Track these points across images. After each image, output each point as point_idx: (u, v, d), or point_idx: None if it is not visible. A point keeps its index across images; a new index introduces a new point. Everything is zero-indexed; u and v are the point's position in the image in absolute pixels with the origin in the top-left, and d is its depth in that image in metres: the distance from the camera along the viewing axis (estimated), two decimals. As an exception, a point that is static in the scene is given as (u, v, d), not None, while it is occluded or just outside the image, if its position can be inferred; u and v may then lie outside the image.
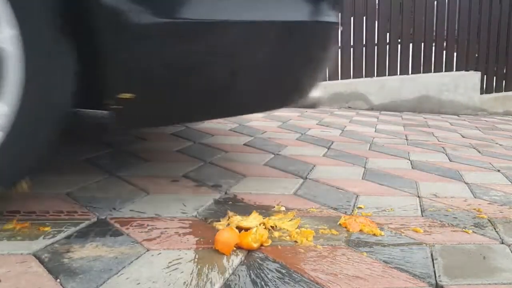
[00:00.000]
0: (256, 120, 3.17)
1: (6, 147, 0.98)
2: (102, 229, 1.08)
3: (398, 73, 5.09)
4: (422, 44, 5.15)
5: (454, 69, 5.27)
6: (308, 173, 1.79)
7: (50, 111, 1.05)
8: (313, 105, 1.67)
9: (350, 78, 4.98)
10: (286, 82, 1.44)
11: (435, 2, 5.13)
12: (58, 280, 0.84)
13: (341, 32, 4.86)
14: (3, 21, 0.93)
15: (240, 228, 1.11)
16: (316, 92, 1.59)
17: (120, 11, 1.00)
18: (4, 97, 0.96)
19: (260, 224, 1.14)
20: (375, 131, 3.21)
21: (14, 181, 1.07)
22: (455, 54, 5.28)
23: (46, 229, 1.05)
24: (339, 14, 1.68)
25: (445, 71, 5.23)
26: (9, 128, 0.98)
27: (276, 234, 1.14)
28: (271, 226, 1.17)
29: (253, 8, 1.23)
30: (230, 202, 1.37)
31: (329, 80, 4.89)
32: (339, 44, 4.86)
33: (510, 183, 1.90)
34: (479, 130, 3.77)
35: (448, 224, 1.32)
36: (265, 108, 1.71)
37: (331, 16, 1.44)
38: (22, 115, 0.99)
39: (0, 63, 0.94)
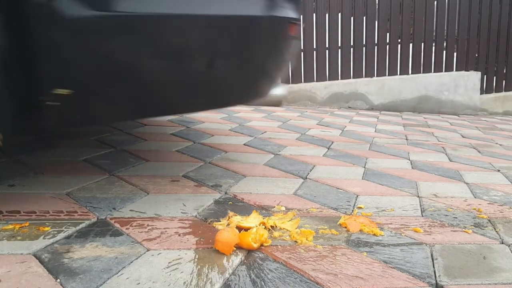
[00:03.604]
0: (256, 120, 3.17)
1: None
2: (102, 229, 1.08)
3: (398, 73, 5.09)
4: (422, 44, 5.15)
5: (454, 69, 5.28)
6: (308, 173, 1.79)
7: None
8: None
9: (350, 78, 4.98)
10: (239, 79, 1.39)
11: (435, 2, 5.13)
12: (58, 280, 0.84)
13: (341, 32, 4.87)
14: None
15: (240, 228, 1.12)
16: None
17: (53, 4, 0.96)
18: None
19: (260, 224, 1.14)
20: (375, 131, 3.21)
21: None
22: (455, 54, 5.28)
23: (46, 229, 1.05)
24: (299, 11, 1.59)
25: (445, 71, 5.24)
26: None
27: (276, 234, 1.14)
28: (271, 226, 1.17)
29: (201, 1, 1.16)
30: (230, 202, 1.37)
31: (328, 80, 4.90)
32: (339, 44, 4.86)
33: (510, 183, 1.90)
34: (479, 130, 3.77)
35: (448, 224, 1.32)
36: (215, 105, 1.62)
37: (287, 11, 1.39)
38: None
39: None
